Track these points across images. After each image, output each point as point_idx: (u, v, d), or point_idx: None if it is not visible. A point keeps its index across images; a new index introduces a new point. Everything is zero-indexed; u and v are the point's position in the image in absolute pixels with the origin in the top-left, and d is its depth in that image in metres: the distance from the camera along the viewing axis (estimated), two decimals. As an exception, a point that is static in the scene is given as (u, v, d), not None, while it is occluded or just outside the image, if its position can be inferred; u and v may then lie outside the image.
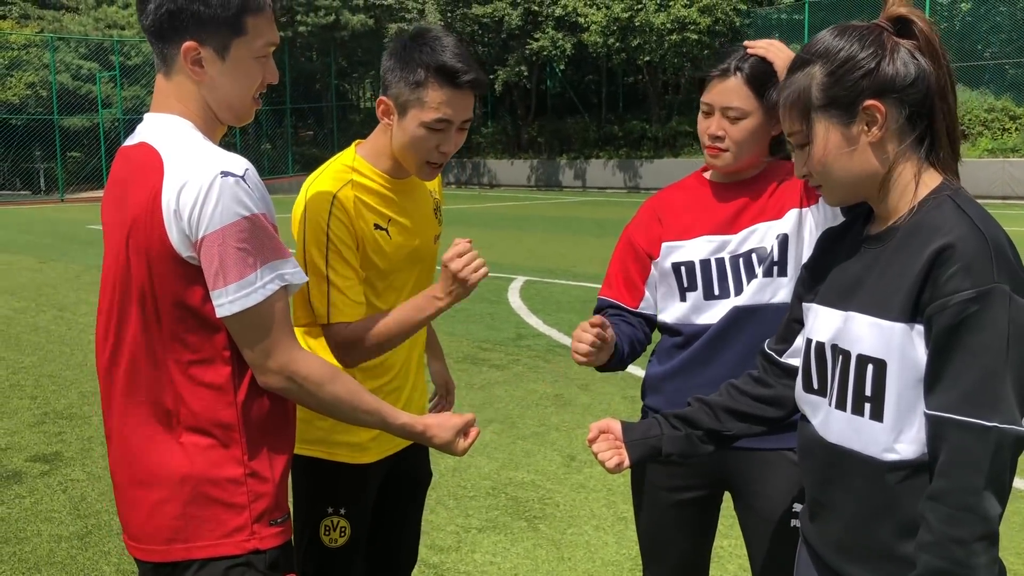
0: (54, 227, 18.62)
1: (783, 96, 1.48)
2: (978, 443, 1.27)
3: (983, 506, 1.27)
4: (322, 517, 2.09)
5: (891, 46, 1.40)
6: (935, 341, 1.32)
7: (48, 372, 6.54)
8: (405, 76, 1.90)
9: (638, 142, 29.94)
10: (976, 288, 1.28)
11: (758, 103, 1.94)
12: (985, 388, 1.27)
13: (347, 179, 1.99)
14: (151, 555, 1.56)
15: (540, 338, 7.40)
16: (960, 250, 1.30)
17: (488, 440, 4.96)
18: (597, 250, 13.18)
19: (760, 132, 1.97)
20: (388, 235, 2.03)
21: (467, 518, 3.94)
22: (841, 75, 1.40)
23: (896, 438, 1.38)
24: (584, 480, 4.36)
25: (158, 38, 1.55)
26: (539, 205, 23.63)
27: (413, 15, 31.78)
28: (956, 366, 1.29)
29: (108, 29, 32.38)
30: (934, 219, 1.36)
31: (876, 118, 1.39)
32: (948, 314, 1.29)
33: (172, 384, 1.53)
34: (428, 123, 1.91)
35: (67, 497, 4.19)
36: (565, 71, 33.57)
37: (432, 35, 1.93)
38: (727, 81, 1.94)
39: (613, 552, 3.60)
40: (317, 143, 35.80)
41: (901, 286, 1.36)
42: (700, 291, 2.04)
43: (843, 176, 1.44)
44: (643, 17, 26.01)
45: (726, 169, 2.02)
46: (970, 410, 1.28)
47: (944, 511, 1.29)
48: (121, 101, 29.28)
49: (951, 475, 1.29)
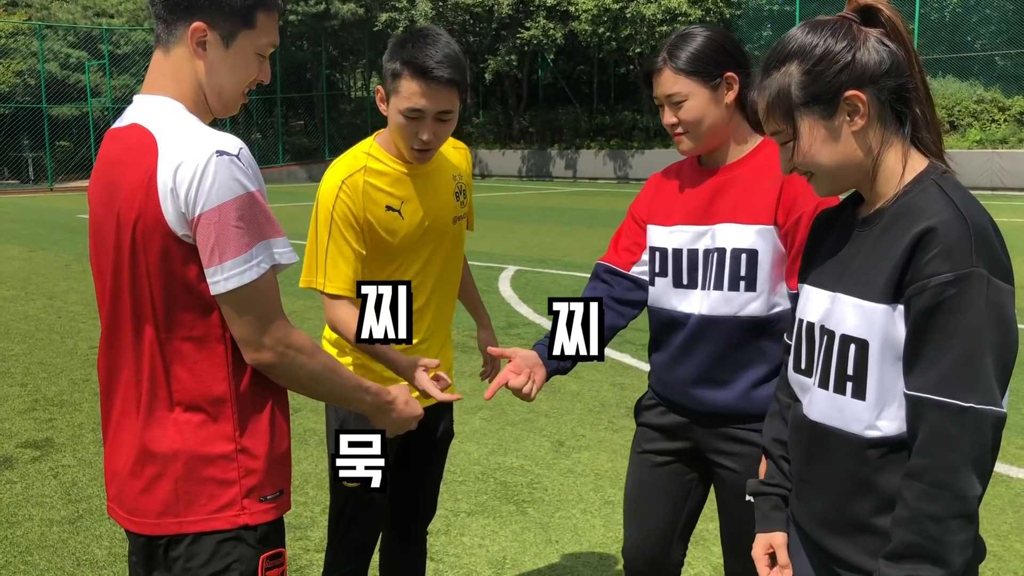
0: (43, 216, 18.55)
1: (763, 98, 1.50)
2: (954, 423, 1.30)
3: (959, 484, 1.29)
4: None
5: (861, 36, 1.43)
6: (913, 322, 1.35)
7: (38, 359, 6.54)
8: (389, 67, 2.13)
9: (629, 132, 29.96)
10: (955, 271, 1.30)
11: (694, 83, 2.03)
12: (962, 369, 1.30)
13: (360, 165, 2.20)
14: (143, 528, 1.59)
15: (530, 327, 7.44)
16: (941, 233, 1.32)
17: (478, 426, 5.00)
18: (588, 240, 13.21)
19: (707, 108, 2.03)
20: (400, 216, 2.23)
21: (456, 502, 3.98)
22: (819, 71, 1.42)
23: (878, 415, 1.41)
24: (572, 465, 4.41)
25: (169, 11, 1.57)
26: (530, 195, 23.64)
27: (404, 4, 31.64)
28: (934, 347, 1.32)
29: (97, 17, 32.18)
30: (919, 203, 1.39)
31: (858, 107, 1.42)
32: (926, 296, 1.32)
33: (166, 362, 1.56)
34: (403, 111, 2.12)
35: (58, 482, 4.22)
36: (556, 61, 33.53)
37: (423, 32, 2.13)
38: (661, 74, 2.06)
39: (600, 535, 3.65)
40: (308, 133, 35.68)
41: (884, 268, 1.39)
42: (670, 278, 2.13)
43: (830, 168, 1.47)
44: (634, 8, 26.00)
45: (694, 152, 2.11)
46: (947, 391, 1.30)
47: (920, 488, 1.32)
48: (110, 90, 29.13)
49: (928, 453, 1.32)
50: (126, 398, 1.61)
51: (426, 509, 2.63)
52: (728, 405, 2.09)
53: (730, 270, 2.03)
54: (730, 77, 2.03)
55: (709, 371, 2.09)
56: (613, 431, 4.90)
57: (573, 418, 5.13)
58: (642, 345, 6.72)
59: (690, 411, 2.16)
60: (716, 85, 2.03)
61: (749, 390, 2.07)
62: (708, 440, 2.16)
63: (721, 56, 2.03)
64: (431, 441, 2.52)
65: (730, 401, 2.09)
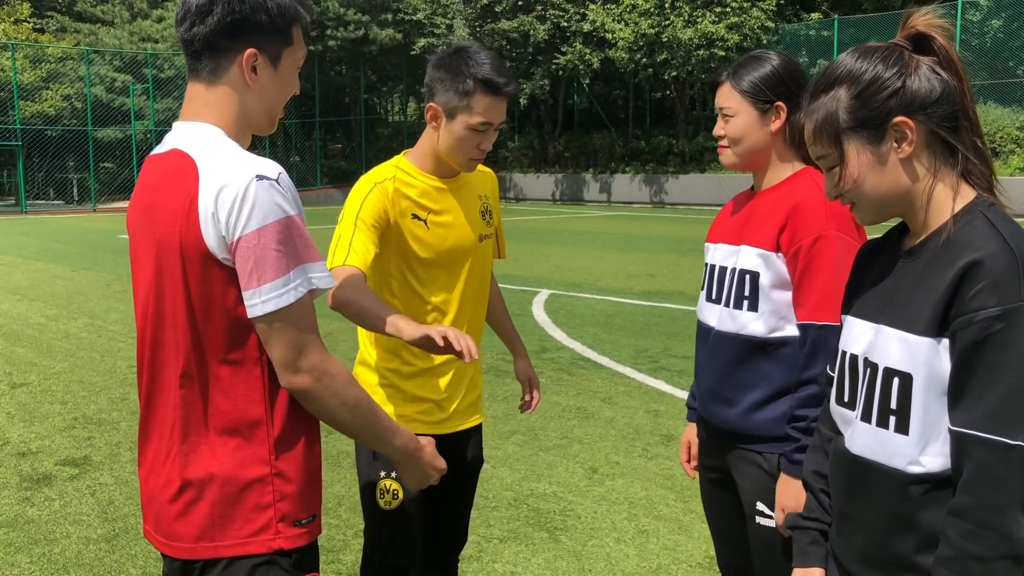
0: (86, 236, 18.91)
1: (811, 121, 1.49)
2: (1000, 461, 1.27)
3: (1006, 525, 1.26)
4: (377, 480, 2.31)
5: (913, 64, 1.42)
6: (959, 357, 1.32)
7: (78, 378, 6.64)
8: (455, 85, 2.20)
9: (664, 157, 29.92)
10: (1002, 306, 1.27)
11: (745, 102, 2.17)
12: (1009, 406, 1.27)
13: (391, 175, 2.29)
14: (179, 552, 1.60)
15: (564, 351, 7.41)
16: (988, 267, 1.30)
17: (511, 451, 4.98)
18: (622, 264, 13.17)
19: (752, 128, 2.17)
20: (426, 225, 2.29)
21: (488, 528, 3.95)
22: (868, 96, 1.42)
23: (921, 451, 1.38)
24: (606, 493, 4.36)
25: (212, 46, 1.60)
26: (564, 219, 23.65)
27: (442, 30, 32.02)
28: (980, 383, 1.29)
29: (142, 42, 32.93)
30: (965, 235, 1.37)
31: (906, 134, 1.41)
32: (973, 330, 1.29)
33: (203, 386, 1.57)
34: (475, 125, 2.23)
35: (95, 500, 4.26)
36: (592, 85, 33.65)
37: (474, 50, 2.25)
38: (722, 86, 2.23)
39: (634, 565, 3.60)
40: (345, 156, 36.11)
41: (929, 301, 1.37)
42: (706, 291, 2.30)
43: (875, 195, 1.45)
44: (670, 33, 26.05)
45: (733, 166, 2.24)
46: (993, 427, 1.27)
47: (965, 526, 1.29)
48: (153, 113, 29.74)
49: (973, 492, 1.29)
50: (162, 422, 1.62)
51: (459, 536, 2.62)
52: (732, 423, 2.18)
53: (736, 289, 2.16)
54: (779, 106, 2.15)
55: (719, 386, 2.20)
56: (647, 459, 4.85)
57: (607, 445, 5.08)
58: (677, 372, 6.66)
59: (708, 424, 2.29)
60: (766, 110, 2.16)
61: (749, 411, 2.14)
62: (725, 454, 2.26)
63: (777, 85, 2.15)
64: (463, 467, 2.53)
65: (733, 419, 2.18)
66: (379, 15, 32.53)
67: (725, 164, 2.27)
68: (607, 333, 8.13)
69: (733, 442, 2.20)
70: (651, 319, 8.83)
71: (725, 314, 2.18)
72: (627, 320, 8.74)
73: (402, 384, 2.35)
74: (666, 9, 26.29)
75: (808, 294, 2.03)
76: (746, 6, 25.70)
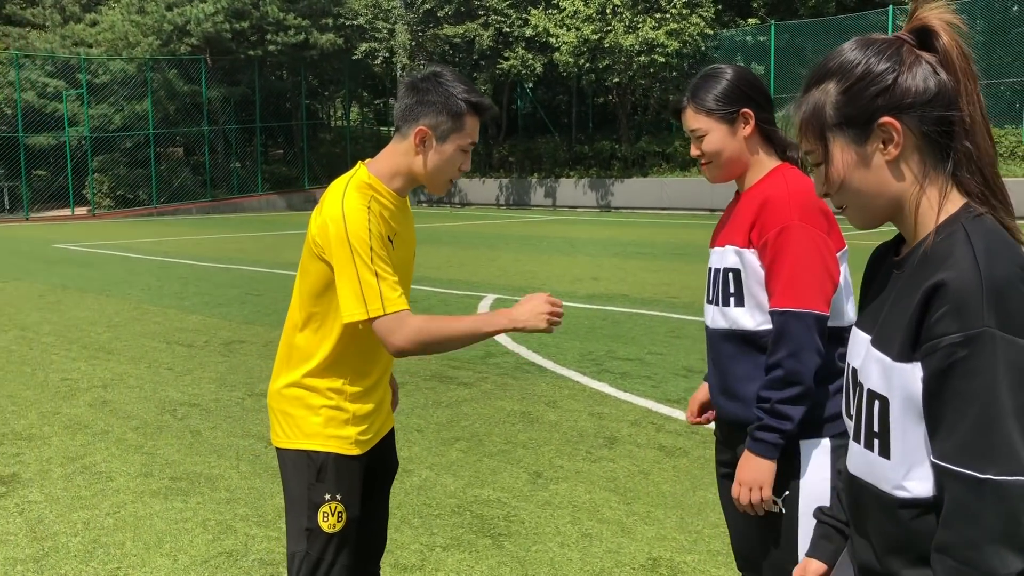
0: (18, 246, 18.35)
1: (798, 114, 1.42)
2: (973, 495, 1.21)
3: (987, 563, 1.21)
4: (321, 504, 2.29)
5: (910, 60, 1.33)
6: (927, 385, 1.27)
7: (7, 392, 6.42)
8: (448, 107, 2.25)
9: (608, 162, 30.16)
10: (963, 332, 1.21)
11: (712, 120, 2.26)
12: (978, 437, 1.21)
13: (369, 195, 2.27)
14: None
15: (508, 356, 7.40)
16: (952, 289, 1.23)
17: (454, 458, 4.94)
18: (566, 268, 13.22)
19: (725, 142, 2.26)
20: (393, 246, 2.29)
21: (431, 536, 3.92)
22: (856, 92, 1.34)
23: (905, 475, 1.33)
24: (550, 497, 4.36)
25: None
26: (510, 224, 23.68)
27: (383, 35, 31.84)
28: (950, 414, 1.24)
29: (75, 47, 32.11)
30: (942, 249, 1.29)
31: (892, 136, 1.33)
32: (937, 357, 1.24)
33: None
34: (464, 146, 2.30)
35: (23, 519, 4.11)
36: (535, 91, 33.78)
37: (451, 74, 2.31)
38: (685, 112, 2.31)
39: (577, 569, 3.60)
40: (287, 162, 35.65)
41: (902, 323, 1.31)
42: (706, 294, 2.38)
43: (860, 197, 1.38)
44: (612, 38, 26.28)
45: (720, 180, 2.34)
46: (964, 460, 1.22)
47: (950, 564, 1.23)
48: (88, 119, 28.99)
49: (951, 527, 1.24)
50: None
51: (383, 543, 2.62)
52: (739, 416, 2.26)
53: (723, 287, 2.26)
54: (746, 113, 2.23)
55: (723, 382, 2.30)
56: (591, 462, 4.86)
57: (551, 449, 5.08)
58: (621, 374, 6.70)
59: (720, 420, 2.38)
60: (733, 120, 2.24)
61: (751, 402, 2.21)
62: (736, 447, 2.31)
63: (737, 95, 2.24)
64: (389, 472, 2.58)
65: (738, 412, 2.26)
66: (320, 20, 32.21)
67: (711, 181, 2.35)
68: (551, 337, 8.14)
69: (742, 435, 2.25)
70: (595, 322, 8.88)
71: (717, 312, 2.29)
72: (571, 323, 8.77)
73: (347, 405, 2.33)
74: (608, 15, 26.51)
75: (775, 283, 2.12)
76: (685, 13, 26.05)
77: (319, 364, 2.31)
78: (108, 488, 4.51)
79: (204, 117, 31.42)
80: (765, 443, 2.12)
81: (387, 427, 2.52)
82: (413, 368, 6.90)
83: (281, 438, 2.36)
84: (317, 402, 2.32)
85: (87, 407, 6.02)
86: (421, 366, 6.92)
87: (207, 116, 31.51)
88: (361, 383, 2.34)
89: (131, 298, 10.89)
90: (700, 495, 4.35)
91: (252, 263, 14.54)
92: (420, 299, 10.16)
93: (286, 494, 2.37)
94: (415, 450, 5.06)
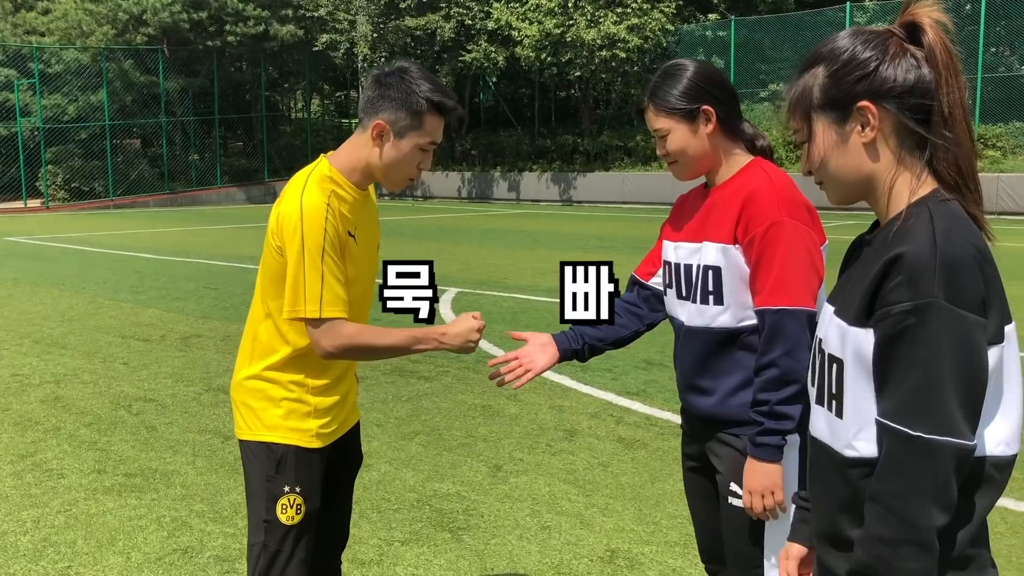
0: (-33, 239, 17.91)
1: (789, 95, 1.52)
2: (904, 450, 1.31)
3: (908, 511, 1.29)
4: (279, 496, 2.29)
5: (894, 51, 1.42)
6: (877, 349, 1.36)
7: (-44, 389, 6.27)
8: (408, 104, 2.21)
9: (570, 156, 30.22)
10: (914, 301, 1.30)
11: (673, 119, 2.23)
12: (916, 398, 1.30)
13: (330, 189, 2.24)
14: None
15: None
16: (908, 261, 1.32)
17: (414, 452, 4.93)
18: (529, 262, 13.23)
19: (688, 140, 2.23)
20: (355, 241, 2.28)
21: (390, 531, 3.90)
22: (840, 77, 1.44)
23: (855, 435, 1.42)
24: (509, 490, 4.36)
25: None
26: (472, 217, 23.64)
27: (344, 26, 31.55)
28: (895, 376, 1.33)
29: (27, 35, 31.39)
30: (906, 229, 1.38)
31: (868, 119, 1.42)
32: (888, 323, 1.33)
33: None
34: (423, 145, 2.26)
35: (-29, 518, 4.02)
36: (498, 84, 33.73)
37: (416, 70, 2.27)
38: (647, 112, 2.29)
39: (536, 561, 3.61)
40: (247, 154, 35.20)
41: (859, 292, 1.40)
42: (675, 289, 2.34)
43: (837, 175, 1.48)
44: (574, 33, 26.31)
45: (685, 177, 2.31)
46: (900, 418, 1.31)
47: (877, 510, 1.33)
48: (41, 109, 28.36)
49: (882, 478, 1.34)
50: None
51: (345, 537, 2.62)
52: (709, 411, 2.25)
53: (702, 285, 2.22)
54: (706, 109, 2.20)
55: (694, 378, 2.28)
56: (551, 455, 4.87)
57: (511, 442, 5.09)
58: (581, 367, 6.73)
59: (688, 414, 2.38)
60: (694, 118, 2.21)
61: (726, 397, 2.22)
62: (705, 442, 2.32)
63: (697, 92, 2.20)
64: (353, 466, 2.58)
65: (710, 407, 2.25)
66: (280, 10, 31.82)
67: (679, 179, 2.32)
68: (515, 330, 8.13)
69: (712, 429, 2.26)
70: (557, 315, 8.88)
71: (694, 310, 2.24)
72: (534, 317, 8.78)
73: (309, 398, 2.32)
74: (569, 9, 26.53)
75: (764, 281, 2.10)
76: (646, 7, 26.15)
77: (281, 357, 2.30)
78: (59, 485, 4.43)
79: (161, 108, 30.90)
80: (769, 447, 2.10)
81: (352, 420, 2.50)
82: (374, 362, 6.86)
83: (243, 430, 2.36)
84: (278, 394, 2.31)
85: (39, 403, 5.90)
86: (381, 360, 6.88)
87: (164, 107, 31.00)
88: (324, 376, 2.33)
89: (86, 292, 10.70)
90: (658, 487, 4.38)
91: (210, 256, 14.35)
92: (381, 293, 10.10)
93: (247, 486, 2.37)
94: (375, 444, 5.03)
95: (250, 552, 2.34)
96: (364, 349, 2.24)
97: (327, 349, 2.19)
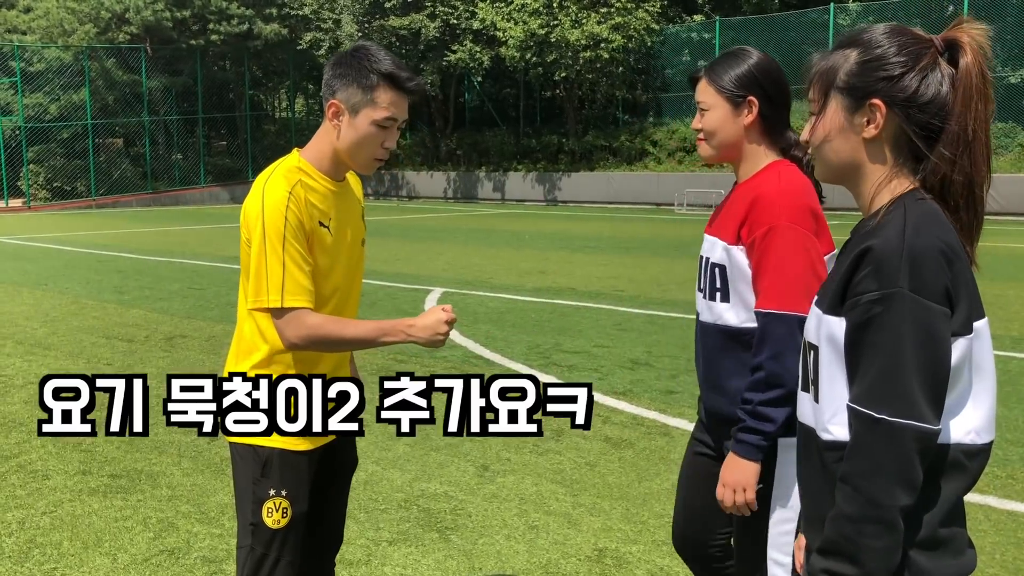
0: (-52, 239, 17.74)
1: (817, 64, 1.55)
2: (868, 433, 1.37)
3: (872, 490, 1.36)
4: (265, 499, 2.26)
5: (926, 63, 1.44)
6: (847, 336, 1.42)
7: (-63, 390, 6.21)
8: (358, 80, 2.17)
9: (555, 156, 30.27)
10: (881, 291, 1.36)
11: (719, 97, 2.26)
12: (881, 383, 1.36)
13: (296, 179, 2.20)
14: None
15: (456, 349, 7.40)
16: (876, 253, 1.38)
17: (401, 452, 4.93)
18: (514, 261, 13.25)
19: (725, 122, 2.26)
20: (329, 232, 2.24)
21: (378, 531, 3.90)
22: (867, 69, 1.47)
23: (829, 419, 1.47)
24: (496, 490, 4.37)
25: None
26: (457, 217, 23.63)
27: (329, 25, 31.46)
28: (863, 362, 1.39)
29: (8, 34, 31.11)
30: (880, 224, 1.43)
31: (876, 117, 1.46)
32: (857, 312, 1.39)
33: None
34: (379, 121, 2.18)
35: (-45, 521, 3.99)
36: (483, 84, 33.72)
37: (374, 48, 2.22)
38: (699, 83, 2.32)
39: (524, 561, 3.62)
40: (231, 153, 35.05)
41: (834, 281, 1.46)
42: (697, 280, 2.40)
43: (831, 156, 1.53)
44: (559, 33, 26.35)
45: (710, 158, 2.34)
46: (865, 402, 1.38)
47: (845, 490, 1.39)
48: (22, 108, 28.12)
49: (850, 459, 1.40)
50: None
51: (339, 540, 2.60)
52: (724, 411, 2.28)
53: (710, 280, 2.27)
54: (751, 100, 2.23)
55: (709, 373, 2.33)
56: (538, 454, 4.88)
57: (499, 442, 5.10)
58: (568, 367, 6.74)
59: (706, 408, 2.39)
60: (738, 104, 2.24)
61: (735, 398, 2.22)
62: (720, 438, 2.34)
63: (750, 81, 2.23)
64: (347, 468, 2.56)
65: (723, 407, 2.28)
66: (264, 9, 31.71)
67: (702, 156, 2.34)
68: (499, 330, 8.15)
69: (726, 428, 2.27)
70: (542, 315, 8.91)
71: (704, 304, 2.31)
72: (519, 317, 8.79)
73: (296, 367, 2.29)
74: (554, 9, 26.56)
75: (760, 284, 2.14)
76: (631, 7, 26.22)
77: (265, 356, 2.27)
78: (44, 487, 4.40)
79: (144, 108, 30.72)
80: (748, 445, 2.13)
81: None
82: (359, 362, 6.84)
83: None
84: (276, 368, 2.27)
85: (22, 404, 5.86)
86: (368, 360, 6.88)
87: (147, 107, 30.82)
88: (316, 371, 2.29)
89: (69, 292, 10.62)
90: (645, 486, 4.40)
91: (194, 256, 14.28)
92: (367, 292, 10.08)
93: (235, 488, 2.35)
94: (361, 444, 5.02)
95: (239, 554, 2.33)
96: (329, 340, 2.18)
97: (291, 340, 2.15)
